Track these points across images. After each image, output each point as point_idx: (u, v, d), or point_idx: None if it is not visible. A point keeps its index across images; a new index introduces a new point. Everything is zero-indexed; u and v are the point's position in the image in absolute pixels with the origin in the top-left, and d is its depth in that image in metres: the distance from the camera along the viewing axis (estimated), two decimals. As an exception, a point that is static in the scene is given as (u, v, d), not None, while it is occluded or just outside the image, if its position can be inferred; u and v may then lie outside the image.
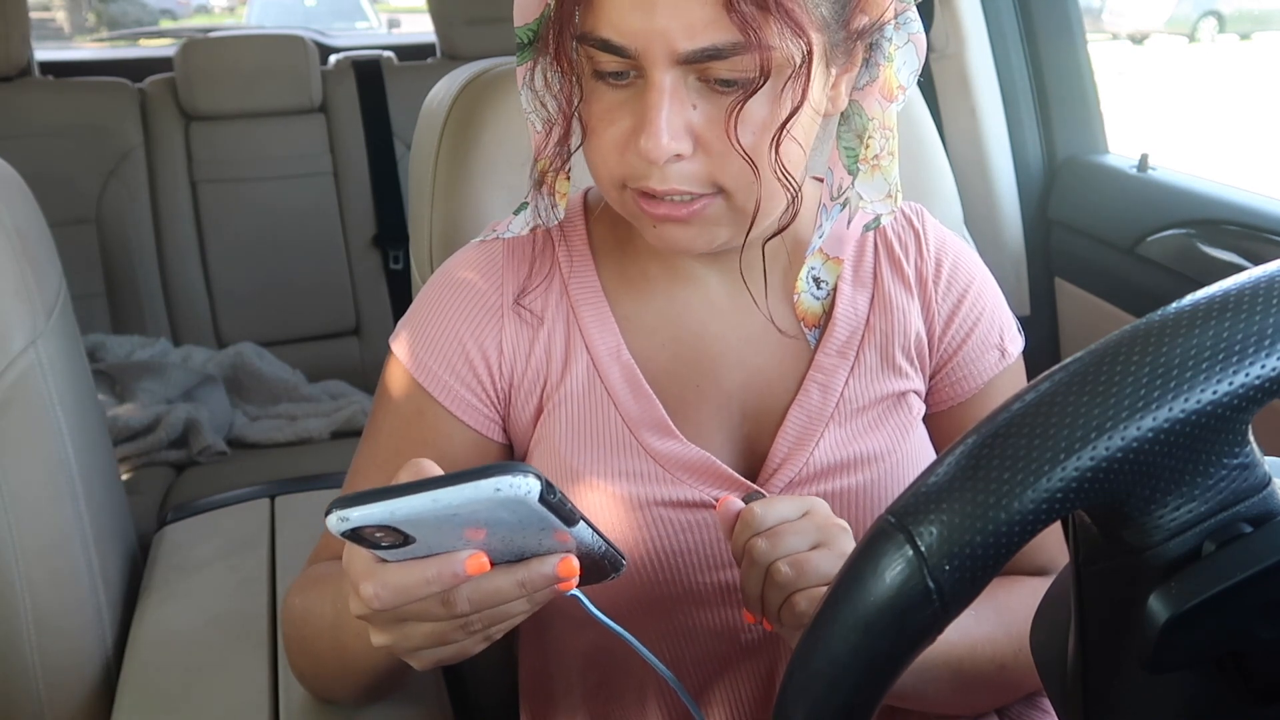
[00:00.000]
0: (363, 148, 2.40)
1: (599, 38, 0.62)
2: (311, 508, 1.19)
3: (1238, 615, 0.40)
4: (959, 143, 1.55)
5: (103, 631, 0.98)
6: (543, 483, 0.50)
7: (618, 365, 0.75)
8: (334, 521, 0.50)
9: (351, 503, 0.50)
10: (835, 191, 0.73)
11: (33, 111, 2.22)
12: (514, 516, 0.52)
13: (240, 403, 2.10)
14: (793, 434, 0.76)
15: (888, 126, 0.72)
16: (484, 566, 0.53)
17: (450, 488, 0.49)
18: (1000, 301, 0.83)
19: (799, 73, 0.62)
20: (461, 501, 0.50)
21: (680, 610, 0.75)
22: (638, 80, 0.63)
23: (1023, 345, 0.83)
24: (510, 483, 0.49)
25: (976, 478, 0.40)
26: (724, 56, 0.60)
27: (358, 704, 0.80)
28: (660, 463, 0.74)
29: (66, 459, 0.95)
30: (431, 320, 0.76)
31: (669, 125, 0.61)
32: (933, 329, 0.80)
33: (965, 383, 0.80)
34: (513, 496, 0.49)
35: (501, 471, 0.49)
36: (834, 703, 0.43)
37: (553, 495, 0.51)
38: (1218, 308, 0.40)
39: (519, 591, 0.55)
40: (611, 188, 0.68)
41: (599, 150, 0.66)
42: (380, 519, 0.50)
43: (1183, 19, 8.09)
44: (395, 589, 0.53)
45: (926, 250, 0.81)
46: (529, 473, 0.49)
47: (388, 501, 0.50)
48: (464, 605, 0.55)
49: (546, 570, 0.55)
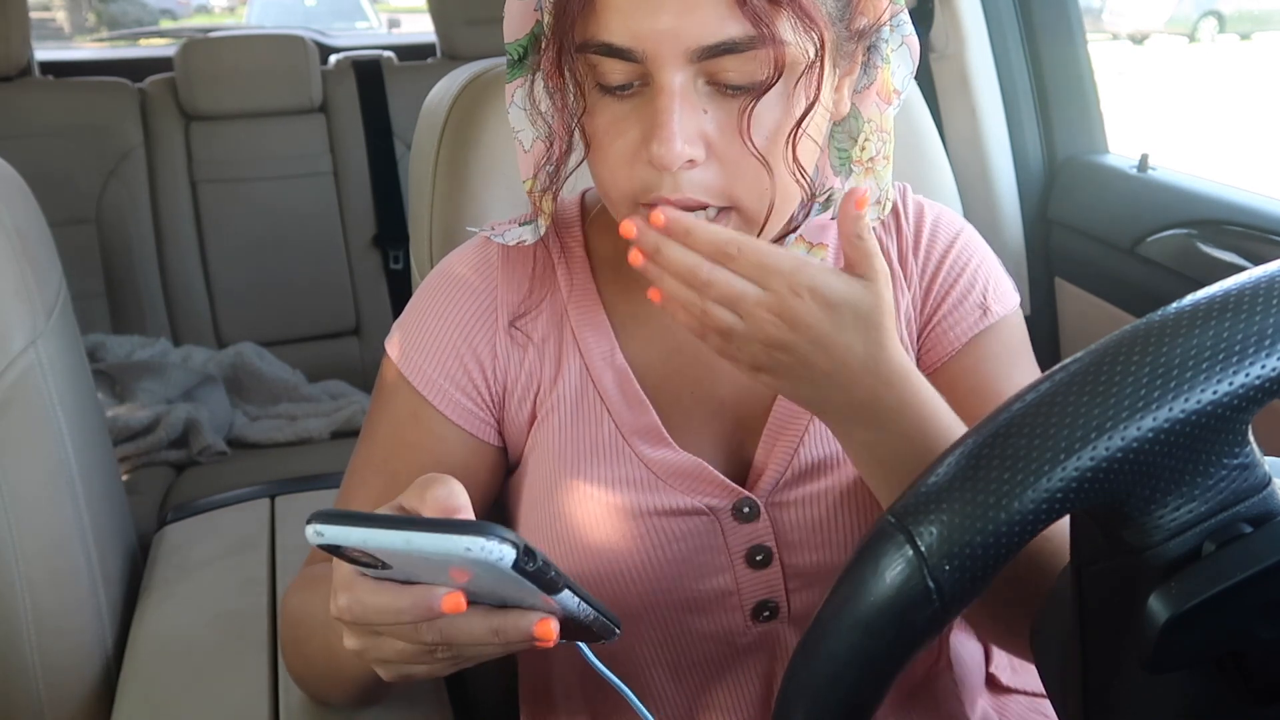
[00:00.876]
0: (363, 148, 2.40)
1: (603, 43, 0.60)
2: (311, 508, 1.18)
3: (1238, 615, 0.40)
4: (959, 143, 1.55)
5: (103, 631, 0.98)
6: (519, 551, 0.48)
7: (612, 370, 0.75)
8: (310, 534, 0.50)
9: (331, 519, 0.50)
10: (819, 189, 0.72)
11: (33, 111, 2.22)
12: (490, 575, 0.50)
13: (240, 403, 2.10)
14: (774, 433, 0.75)
15: (885, 129, 0.71)
16: (459, 607, 0.51)
17: (425, 534, 0.48)
18: (988, 260, 0.79)
19: (812, 67, 0.61)
20: (433, 550, 0.48)
21: (676, 616, 0.75)
22: (643, 89, 0.61)
23: (1015, 304, 0.79)
24: (482, 545, 0.47)
25: (976, 478, 0.40)
26: (739, 51, 0.58)
27: (351, 707, 0.80)
28: (653, 469, 0.73)
29: (66, 459, 0.95)
30: (426, 323, 0.76)
31: (682, 129, 0.59)
32: (916, 297, 0.78)
33: (945, 342, 0.77)
34: (482, 560, 0.48)
35: (477, 532, 0.48)
36: (834, 702, 0.43)
37: (531, 564, 0.49)
38: (1218, 308, 0.40)
39: (491, 638, 0.54)
40: (624, 205, 0.65)
41: (607, 164, 0.64)
42: (354, 544, 0.50)
43: (1183, 19, 8.09)
44: (367, 607, 0.53)
45: (906, 224, 0.79)
46: (506, 539, 0.48)
47: (364, 529, 0.49)
48: (434, 636, 0.54)
49: (523, 625, 0.53)
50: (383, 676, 0.59)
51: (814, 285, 0.58)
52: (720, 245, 0.58)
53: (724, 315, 0.59)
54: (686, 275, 0.58)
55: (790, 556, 0.74)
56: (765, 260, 0.58)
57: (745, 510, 0.74)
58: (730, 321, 0.59)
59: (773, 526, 0.74)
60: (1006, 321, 0.78)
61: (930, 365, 0.78)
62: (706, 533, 0.73)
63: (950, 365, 0.76)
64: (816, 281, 0.58)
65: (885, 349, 0.61)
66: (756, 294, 0.58)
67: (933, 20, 1.56)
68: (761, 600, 0.75)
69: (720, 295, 0.58)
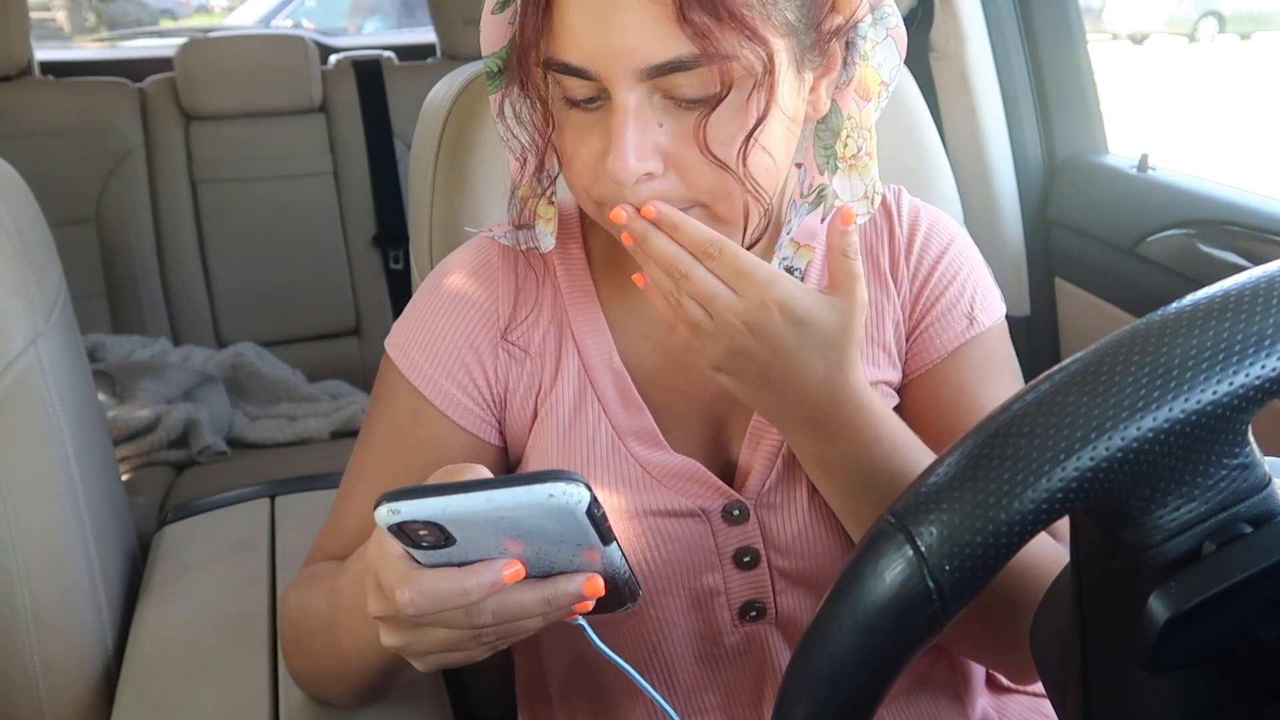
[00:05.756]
0: (363, 148, 2.40)
1: (560, 61, 0.62)
2: (311, 508, 1.19)
3: (1238, 615, 0.40)
4: (959, 143, 1.55)
5: (103, 631, 0.98)
6: (591, 494, 0.50)
7: (610, 373, 0.75)
8: (384, 514, 0.51)
9: (403, 496, 0.51)
10: (807, 189, 0.72)
11: (33, 111, 2.22)
12: (557, 526, 0.52)
13: (240, 403, 2.10)
14: (757, 434, 0.75)
15: (865, 126, 0.71)
16: (520, 575, 0.54)
17: (504, 489, 0.50)
18: (978, 270, 0.80)
19: (762, 82, 0.61)
20: (513, 504, 0.50)
21: (669, 616, 0.75)
22: (606, 103, 0.63)
23: (1001, 316, 0.79)
24: (564, 490, 0.50)
25: (976, 478, 0.40)
26: (687, 68, 0.59)
27: (353, 704, 0.80)
28: (649, 471, 0.74)
29: (66, 459, 0.95)
30: (427, 323, 0.76)
31: (635, 146, 0.61)
32: (905, 303, 0.78)
33: (930, 350, 0.77)
34: (563, 504, 0.50)
35: (556, 478, 0.50)
36: (834, 702, 0.43)
37: (598, 509, 0.51)
38: (1218, 308, 0.40)
39: (541, 608, 0.55)
40: (591, 205, 0.67)
41: (574, 174, 0.66)
42: (430, 515, 0.51)
43: (1183, 19, 8.09)
44: (432, 595, 0.54)
45: (900, 228, 0.79)
46: (580, 482, 0.50)
47: (440, 498, 0.50)
48: (487, 617, 0.55)
49: (572, 588, 0.55)
50: (420, 669, 0.61)
51: (784, 300, 0.60)
52: (703, 244, 0.60)
53: (695, 310, 0.61)
54: (667, 265, 0.61)
55: (777, 559, 0.75)
56: (742, 267, 0.60)
57: (735, 512, 0.74)
58: (700, 318, 0.61)
59: (761, 529, 0.74)
60: (992, 333, 0.78)
61: (914, 371, 0.78)
62: (698, 533, 0.74)
63: (933, 373, 0.77)
64: (787, 297, 0.60)
65: (845, 371, 0.63)
66: (728, 297, 0.60)
67: (933, 20, 1.56)
68: (748, 600, 0.75)
69: (695, 291, 0.61)
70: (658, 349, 0.77)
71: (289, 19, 4.97)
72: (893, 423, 0.67)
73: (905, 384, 0.79)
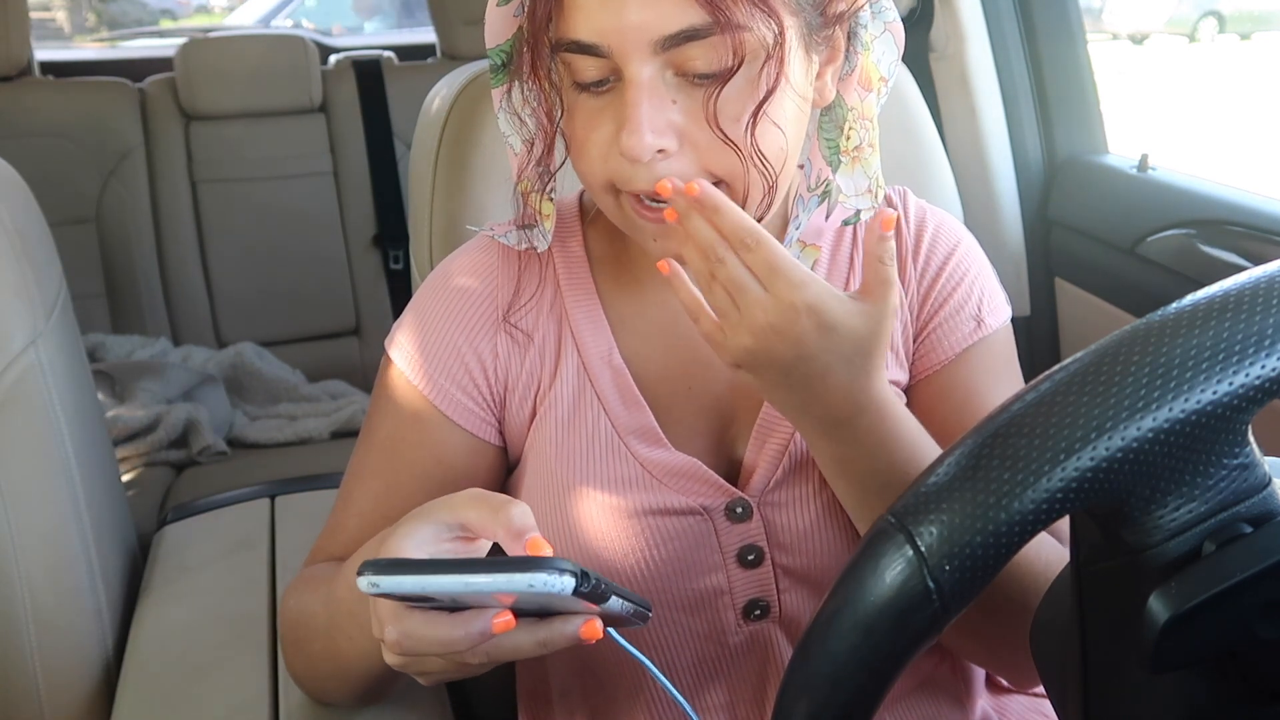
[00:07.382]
0: (363, 148, 2.40)
1: (572, 40, 0.62)
2: (311, 508, 1.19)
3: (1238, 615, 0.40)
4: (959, 143, 1.55)
5: (103, 631, 0.98)
6: (577, 577, 0.50)
7: (609, 369, 0.75)
8: (364, 585, 0.51)
9: (384, 569, 0.51)
10: (814, 183, 0.72)
11: (33, 111, 2.22)
12: (546, 601, 0.52)
13: (240, 403, 2.10)
14: (764, 432, 0.75)
15: (866, 117, 0.71)
16: (510, 624, 0.53)
17: (484, 575, 0.50)
18: (985, 272, 0.80)
19: (774, 54, 0.62)
20: (494, 588, 0.50)
21: (668, 614, 0.75)
22: (617, 85, 0.63)
23: (1007, 318, 0.79)
24: (544, 580, 0.49)
25: (976, 478, 0.40)
26: (700, 37, 0.60)
27: (353, 706, 0.80)
28: (649, 469, 0.74)
29: (66, 459, 0.95)
30: (427, 323, 0.76)
31: (649, 121, 0.61)
32: (912, 303, 0.78)
33: (937, 352, 0.77)
34: (545, 593, 0.50)
35: (538, 568, 0.49)
36: (834, 702, 0.43)
37: (586, 586, 0.51)
38: (1218, 308, 0.40)
39: (537, 650, 0.56)
40: (604, 194, 0.67)
41: (585, 158, 0.66)
42: (409, 591, 0.51)
43: (1183, 19, 8.09)
44: (419, 640, 0.54)
45: (906, 229, 0.79)
46: (564, 570, 0.49)
47: (420, 577, 0.50)
48: (480, 658, 0.55)
49: (568, 632, 0.55)
50: (422, 683, 0.61)
51: (814, 304, 0.59)
52: (740, 232, 0.59)
53: (724, 299, 0.60)
54: (704, 247, 0.60)
55: (781, 557, 0.75)
56: (776, 263, 0.59)
57: (738, 510, 0.74)
58: (727, 307, 0.60)
59: (764, 527, 0.74)
60: (998, 335, 0.78)
61: (921, 373, 0.78)
62: (700, 532, 0.74)
63: (941, 375, 0.77)
64: (818, 301, 0.59)
65: (869, 376, 0.63)
66: (758, 292, 0.59)
67: (933, 20, 1.56)
68: (752, 599, 0.75)
69: (727, 279, 0.60)
70: (660, 346, 0.77)
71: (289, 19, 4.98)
72: (911, 425, 0.66)
73: (912, 385, 0.79)
